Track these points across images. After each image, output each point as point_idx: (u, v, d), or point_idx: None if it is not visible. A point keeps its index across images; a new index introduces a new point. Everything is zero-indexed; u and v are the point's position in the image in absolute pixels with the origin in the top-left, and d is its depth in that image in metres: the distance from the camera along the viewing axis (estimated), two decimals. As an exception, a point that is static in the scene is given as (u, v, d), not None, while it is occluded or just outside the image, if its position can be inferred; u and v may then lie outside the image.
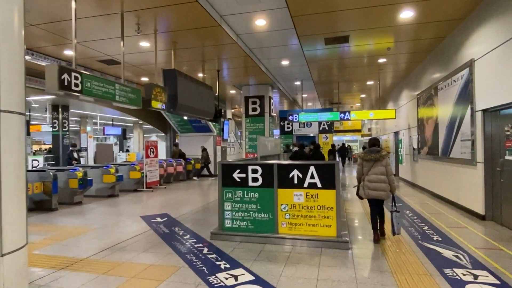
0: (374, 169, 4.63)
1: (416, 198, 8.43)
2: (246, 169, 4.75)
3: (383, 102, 16.69)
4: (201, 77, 11.12)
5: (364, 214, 6.48)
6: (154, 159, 10.85)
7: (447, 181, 7.64)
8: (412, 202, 7.79)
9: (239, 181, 4.78)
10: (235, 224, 4.80)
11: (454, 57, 7.12)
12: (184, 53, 8.51)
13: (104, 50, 8.27)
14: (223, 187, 4.86)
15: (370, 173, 4.65)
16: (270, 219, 4.65)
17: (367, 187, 4.64)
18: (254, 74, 10.99)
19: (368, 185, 4.63)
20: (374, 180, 4.60)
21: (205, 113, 8.67)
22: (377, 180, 4.59)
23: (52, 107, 15.66)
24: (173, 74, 7.20)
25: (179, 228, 5.47)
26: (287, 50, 8.74)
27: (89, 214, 6.86)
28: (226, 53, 8.60)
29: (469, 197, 6.42)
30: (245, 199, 4.75)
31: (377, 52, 8.82)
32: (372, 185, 4.60)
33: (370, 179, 4.63)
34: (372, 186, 4.60)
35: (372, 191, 4.61)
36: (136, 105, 6.04)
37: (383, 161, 4.62)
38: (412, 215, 6.32)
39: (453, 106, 7.13)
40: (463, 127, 6.61)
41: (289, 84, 13.60)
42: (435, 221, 5.85)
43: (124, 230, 5.49)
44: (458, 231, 5.14)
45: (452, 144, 7.21)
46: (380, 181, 4.57)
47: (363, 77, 12.12)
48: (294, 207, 4.56)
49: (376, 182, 4.58)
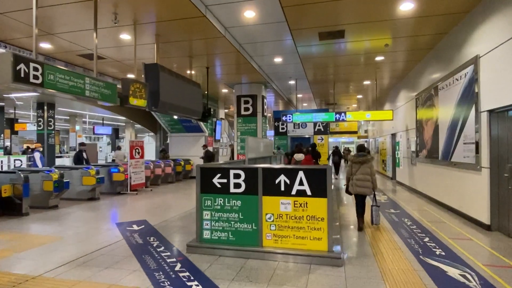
0: (361, 169, 5.51)
1: (414, 204, 7.95)
2: (227, 174, 4.23)
3: (380, 103, 16.26)
4: (190, 75, 10.60)
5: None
6: (139, 160, 10.29)
7: (448, 186, 7.17)
8: (411, 208, 7.31)
9: (219, 187, 4.26)
10: (215, 236, 4.27)
11: (457, 54, 6.66)
12: (169, 48, 7.98)
13: (82, 43, 7.71)
14: (201, 194, 4.34)
15: (358, 173, 5.52)
16: (254, 230, 4.14)
17: (355, 185, 5.52)
18: (246, 72, 10.48)
19: (356, 183, 5.50)
20: (361, 179, 5.47)
21: (192, 112, 8.14)
22: (363, 179, 5.46)
23: (37, 105, 15.04)
24: (155, 69, 6.66)
25: (155, 238, 4.94)
26: (280, 46, 8.24)
27: (61, 220, 6.30)
28: (214, 49, 8.08)
29: (473, 205, 5.95)
30: (226, 208, 4.23)
31: (374, 50, 8.34)
32: (359, 183, 5.47)
33: (357, 178, 5.50)
34: (359, 184, 5.47)
35: (359, 187, 5.49)
36: (110, 102, 5.50)
37: (369, 163, 5.52)
38: (411, 224, 5.83)
39: (455, 107, 6.66)
40: (466, 129, 6.14)
41: (283, 84, 13.10)
42: (436, 231, 5.36)
43: (94, 239, 4.94)
44: (462, 244, 4.65)
45: (453, 147, 6.74)
46: (366, 180, 5.45)
47: (360, 77, 11.65)
48: (281, 217, 4.05)
49: (363, 180, 5.46)
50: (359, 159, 5.56)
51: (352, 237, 5.10)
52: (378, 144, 18.00)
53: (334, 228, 4.70)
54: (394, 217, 6.42)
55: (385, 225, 5.76)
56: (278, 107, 19.73)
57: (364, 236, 5.10)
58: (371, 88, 13.52)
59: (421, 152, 9.21)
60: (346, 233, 5.34)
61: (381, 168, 16.60)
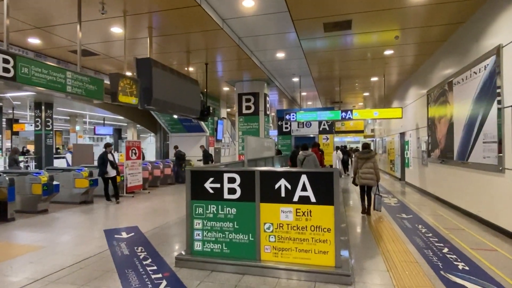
0: (366, 164, 6.48)
1: (427, 208, 7.40)
2: (221, 178, 3.75)
3: (388, 101, 15.67)
4: (189, 72, 10.16)
5: (367, 223, 5.49)
6: (136, 161, 9.86)
7: (465, 189, 6.62)
8: (424, 213, 6.76)
9: (212, 192, 3.78)
10: (207, 247, 3.79)
11: (475, 45, 6.10)
12: (164, 42, 7.53)
13: (73, 38, 7.29)
14: (192, 201, 3.86)
15: (363, 168, 6.49)
16: (251, 242, 3.65)
17: (361, 177, 6.49)
18: (247, 68, 10.00)
19: (362, 175, 6.48)
20: (366, 172, 6.44)
21: (189, 110, 7.67)
22: (368, 172, 6.43)
23: (35, 105, 14.71)
24: (147, 64, 6.21)
25: (143, 249, 4.47)
26: (282, 40, 7.74)
27: (46, 227, 5.87)
28: (212, 43, 7.60)
29: (494, 210, 5.40)
30: (220, 216, 3.75)
31: (383, 43, 7.81)
32: (364, 175, 6.45)
33: (363, 172, 6.47)
34: (364, 176, 6.46)
35: (364, 180, 6.46)
36: (96, 98, 5.05)
37: (372, 159, 6.49)
38: (427, 231, 5.30)
39: (473, 103, 6.11)
40: (486, 126, 5.58)
41: (287, 81, 12.60)
42: (455, 239, 4.83)
43: (76, 250, 4.49)
44: (486, 256, 4.12)
45: (471, 147, 6.18)
46: (370, 173, 6.41)
47: (367, 73, 11.10)
48: (281, 227, 3.56)
49: (367, 173, 6.43)
50: (364, 156, 6.54)
51: (362, 248, 4.59)
52: (385, 144, 17.39)
53: (343, 240, 4.20)
54: (406, 223, 5.89)
55: (398, 233, 5.23)
56: (282, 106, 19.22)
57: (376, 247, 4.59)
58: (379, 85, 12.95)
59: (433, 152, 8.64)
60: (355, 242, 4.83)
61: (389, 168, 16.01)
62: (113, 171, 8.44)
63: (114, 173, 8.45)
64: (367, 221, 6.09)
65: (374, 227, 5.62)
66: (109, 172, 8.34)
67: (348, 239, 4.82)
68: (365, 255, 4.25)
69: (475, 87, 5.98)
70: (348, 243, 4.60)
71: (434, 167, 8.62)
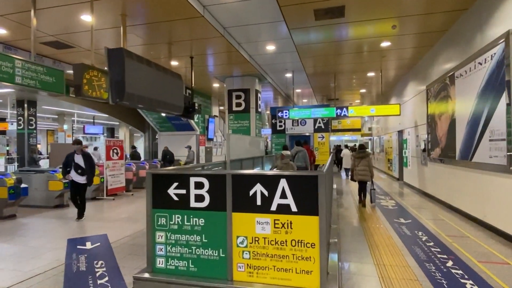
0: (362, 162, 7.41)
1: (427, 211, 6.86)
2: (186, 183, 3.17)
3: (385, 98, 15.15)
4: (171, 65, 9.57)
5: (361, 226, 4.94)
6: (118, 161, 9.27)
7: (468, 191, 6.08)
8: (424, 217, 6.22)
9: (176, 200, 3.20)
10: (171, 265, 3.22)
11: (479, 33, 5.56)
12: (141, 31, 6.94)
13: (42, 28, 6.69)
14: (153, 209, 3.28)
15: (359, 165, 7.43)
16: (221, 259, 3.08)
17: (358, 174, 7.43)
18: (237, 63, 9.42)
19: (359, 172, 7.42)
20: (362, 169, 7.38)
21: (170, 106, 7.07)
22: (363, 169, 7.36)
23: (17, 103, 14.07)
24: (119, 54, 5.60)
25: (103, 263, 3.90)
26: (271, 30, 7.17)
27: (6, 235, 5.28)
28: (195, 33, 7.02)
29: (502, 215, 4.86)
30: (186, 228, 3.17)
31: (380, 33, 7.25)
32: (360, 172, 7.39)
33: (359, 169, 7.42)
34: (360, 173, 7.39)
35: (361, 176, 7.39)
36: (54, 91, 4.47)
37: (367, 158, 7.47)
38: (428, 239, 4.75)
39: (477, 97, 5.56)
40: (493, 122, 5.04)
41: (280, 77, 12.02)
42: (460, 250, 4.29)
43: (27, 265, 3.91)
44: (497, 271, 3.58)
45: (476, 145, 5.64)
46: (365, 170, 7.34)
47: (363, 67, 10.55)
48: (257, 241, 2.99)
49: (363, 170, 7.36)
50: (360, 155, 7.57)
51: (355, 262, 4.04)
52: (383, 142, 16.86)
53: (332, 253, 3.63)
54: (405, 229, 5.34)
55: (396, 242, 4.68)
56: (277, 104, 18.67)
57: (371, 260, 4.04)
58: (376, 81, 12.40)
59: (433, 150, 8.10)
60: (347, 255, 4.28)
61: (386, 168, 15.49)
62: (80, 177, 6.43)
63: (81, 179, 6.44)
64: (362, 226, 5.54)
65: (370, 234, 5.07)
66: (74, 178, 6.42)
67: (339, 249, 4.26)
68: (358, 271, 3.69)
69: (480, 80, 5.43)
70: (338, 254, 4.05)
71: (434, 167, 8.08)
